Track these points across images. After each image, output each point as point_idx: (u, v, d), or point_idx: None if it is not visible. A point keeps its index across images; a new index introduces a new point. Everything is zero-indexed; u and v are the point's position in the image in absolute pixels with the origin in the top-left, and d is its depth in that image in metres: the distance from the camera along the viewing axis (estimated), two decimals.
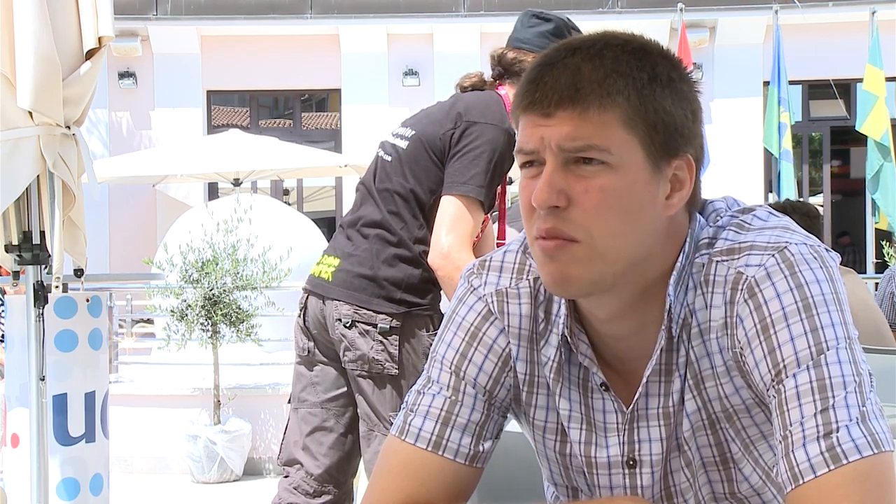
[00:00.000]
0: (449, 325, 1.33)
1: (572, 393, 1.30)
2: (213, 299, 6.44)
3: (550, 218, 1.15)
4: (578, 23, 3.00)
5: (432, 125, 2.76)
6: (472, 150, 2.70)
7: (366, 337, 2.67)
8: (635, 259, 1.18)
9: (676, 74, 1.20)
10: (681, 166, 1.19)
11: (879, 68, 9.55)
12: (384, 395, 2.68)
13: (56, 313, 3.27)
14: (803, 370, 1.13)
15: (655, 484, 1.29)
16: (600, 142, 1.14)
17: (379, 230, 2.74)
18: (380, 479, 1.31)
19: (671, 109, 1.17)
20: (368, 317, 2.67)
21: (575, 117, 1.14)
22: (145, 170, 11.35)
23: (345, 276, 2.71)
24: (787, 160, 9.61)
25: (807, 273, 1.16)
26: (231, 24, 13.10)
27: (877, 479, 1.09)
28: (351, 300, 2.68)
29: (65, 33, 3.08)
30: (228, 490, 6.43)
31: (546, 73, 1.17)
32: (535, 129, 1.16)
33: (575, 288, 1.18)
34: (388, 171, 2.78)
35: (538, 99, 1.16)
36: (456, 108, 2.76)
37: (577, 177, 1.15)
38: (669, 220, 1.20)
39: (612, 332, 1.25)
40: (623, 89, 1.15)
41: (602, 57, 1.16)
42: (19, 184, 3.06)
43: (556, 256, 1.16)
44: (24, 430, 3.21)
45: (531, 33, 2.88)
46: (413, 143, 2.76)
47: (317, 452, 2.77)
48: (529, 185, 1.18)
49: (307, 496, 2.77)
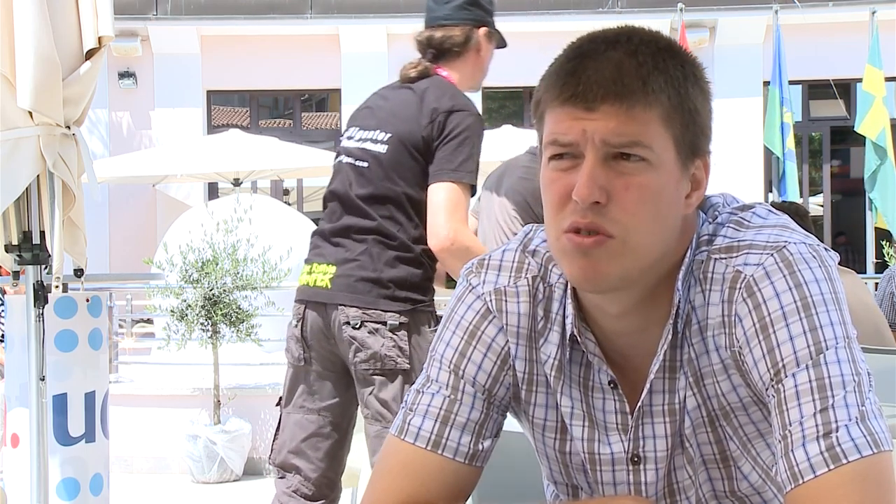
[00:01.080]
0: (448, 324, 1.33)
1: (573, 391, 1.30)
2: (213, 299, 6.44)
3: (590, 213, 1.14)
4: (578, 23, 3.02)
5: (408, 124, 2.79)
6: (456, 137, 2.75)
7: (376, 335, 2.70)
8: (659, 255, 1.19)
9: (699, 73, 1.21)
10: (700, 166, 1.21)
11: (879, 69, 9.56)
12: (396, 391, 2.71)
13: (56, 313, 3.27)
14: (802, 370, 1.13)
15: (659, 481, 1.29)
16: (644, 139, 1.14)
17: (375, 235, 2.76)
18: (379, 478, 1.31)
19: (700, 108, 1.19)
20: (377, 316, 2.70)
21: (621, 113, 1.13)
22: (145, 170, 11.35)
23: (346, 280, 2.73)
24: (792, 160, 9.63)
25: (806, 272, 1.16)
26: (231, 24, 13.10)
27: (876, 478, 1.09)
28: (357, 303, 2.71)
29: (65, 33, 3.08)
30: (228, 490, 6.43)
31: (587, 65, 1.15)
32: (577, 121, 1.15)
33: (605, 284, 1.18)
34: (369, 177, 2.79)
35: (581, 92, 1.14)
36: (427, 103, 2.79)
37: (618, 173, 1.14)
38: (684, 218, 1.22)
39: (619, 329, 1.25)
40: (664, 87, 1.15)
41: (642, 53, 1.16)
42: (19, 184, 3.06)
43: (591, 253, 1.15)
44: (24, 430, 3.21)
45: (448, 8, 2.94)
46: (393, 146, 2.78)
47: (314, 457, 2.82)
48: (560, 177, 1.17)
49: (306, 499, 2.83)
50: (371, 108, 2.92)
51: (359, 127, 2.88)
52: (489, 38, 2.99)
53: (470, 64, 2.97)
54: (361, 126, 2.88)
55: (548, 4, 12.96)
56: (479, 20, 2.96)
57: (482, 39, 2.96)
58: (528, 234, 1.34)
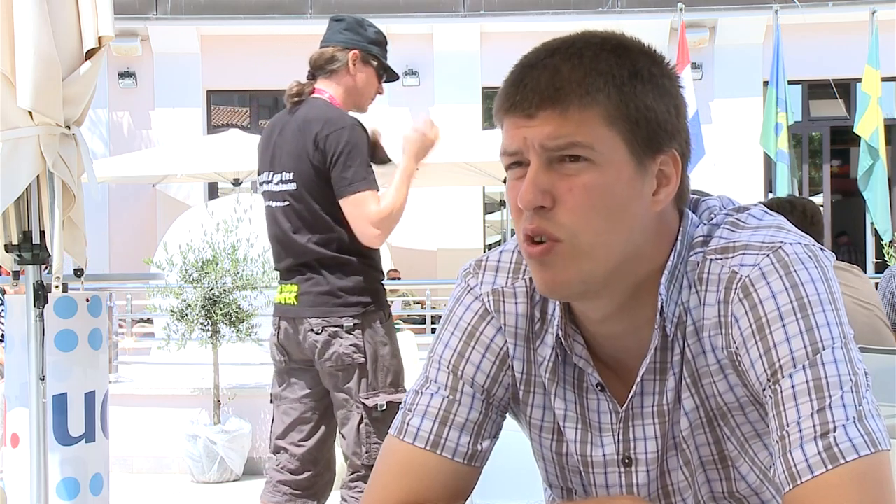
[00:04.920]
0: (446, 325, 1.34)
1: (567, 393, 1.30)
2: (213, 299, 6.44)
3: (536, 218, 1.16)
4: (578, 23, 3.07)
5: (301, 159, 3.24)
6: (339, 155, 3.18)
7: (336, 338, 3.22)
8: (624, 257, 1.18)
9: (658, 70, 1.20)
10: (666, 161, 1.19)
11: (876, 69, 9.59)
12: (356, 382, 3.23)
13: (56, 313, 3.27)
14: (799, 370, 1.13)
15: (652, 482, 1.29)
16: (582, 138, 1.14)
17: (319, 259, 3.25)
18: (379, 478, 1.31)
19: (653, 105, 1.17)
20: (335, 322, 3.22)
21: (556, 116, 1.14)
22: (145, 170, 11.35)
23: (308, 297, 3.26)
24: (783, 161, 9.64)
25: (802, 273, 1.16)
26: (231, 24, 13.10)
27: (874, 478, 1.09)
28: (317, 314, 3.24)
29: (65, 33, 3.08)
30: (228, 490, 6.43)
31: (526, 74, 1.17)
32: (518, 130, 1.17)
33: (566, 291, 1.19)
34: (296, 214, 3.27)
35: (519, 101, 1.16)
36: (309, 133, 3.23)
37: (562, 175, 1.15)
38: (658, 216, 1.20)
39: (607, 333, 1.25)
40: (603, 87, 1.15)
41: (581, 56, 1.16)
42: (19, 184, 3.06)
43: (544, 261, 1.17)
44: (24, 429, 3.21)
45: (328, 34, 3.45)
46: (301, 181, 3.24)
47: (297, 439, 3.35)
48: (516, 186, 1.18)
49: (292, 473, 3.35)
50: (273, 150, 3.34)
51: (271, 171, 3.34)
52: (364, 63, 3.41)
53: (343, 83, 3.40)
54: (272, 170, 3.34)
55: (548, 4, 12.97)
56: (351, 44, 3.40)
57: (352, 61, 3.38)
58: None
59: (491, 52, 13.02)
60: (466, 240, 13.25)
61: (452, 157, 10.53)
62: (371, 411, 3.23)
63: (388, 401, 3.24)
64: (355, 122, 3.29)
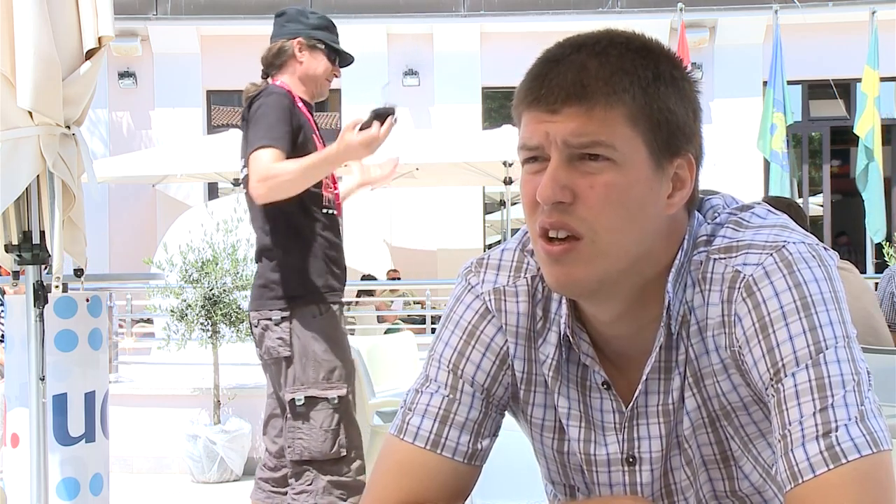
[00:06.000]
0: (447, 324, 1.33)
1: (571, 391, 1.30)
2: (212, 299, 6.44)
3: (555, 212, 1.15)
4: (579, 23, 3.06)
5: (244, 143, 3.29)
6: (251, 120, 3.24)
7: (267, 331, 3.25)
8: (636, 256, 1.18)
9: (679, 73, 1.20)
10: (682, 165, 1.20)
11: (874, 69, 9.61)
12: (282, 376, 3.25)
13: (56, 313, 3.27)
14: (802, 369, 1.13)
15: (655, 482, 1.29)
16: (606, 138, 1.14)
17: (261, 249, 3.31)
18: (379, 477, 1.31)
19: (674, 108, 1.18)
20: (266, 315, 3.25)
21: (581, 114, 1.14)
22: (145, 170, 11.34)
23: (252, 290, 3.34)
24: (777, 161, 9.66)
25: (805, 272, 1.16)
26: (231, 24, 13.10)
27: (875, 477, 1.09)
28: (255, 307, 3.30)
29: (65, 33, 3.08)
30: (228, 490, 6.42)
31: (551, 69, 1.16)
32: (540, 124, 1.16)
33: (580, 288, 1.19)
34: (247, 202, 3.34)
35: (544, 95, 1.15)
36: None
37: (582, 173, 1.15)
38: (670, 219, 1.21)
39: (613, 332, 1.25)
40: (629, 87, 1.15)
41: (607, 54, 1.16)
42: (19, 184, 3.06)
43: (562, 260, 1.16)
44: (24, 429, 3.21)
45: (276, 27, 3.50)
46: None
47: (272, 435, 3.40)
48: (532, 180, 1.18)
49: (270, 470, 3.41)
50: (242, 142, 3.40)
51: (242, 161, 3.37)
52: (310, 49, 3.44)
53: (295, 73, 3.44)
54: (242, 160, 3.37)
55: (548, 4, 12.97)
56: (294, 33, 3.44)
57: (297, 49, 3.42)
58: (528, 234, 1.34)
59: (491, 53, 13.03)
60: (466, 240, 13.24)
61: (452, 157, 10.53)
62: (292, 405, 3.20)
63: (309, 395, 3.18)
64: (275, 90, 3.31)
